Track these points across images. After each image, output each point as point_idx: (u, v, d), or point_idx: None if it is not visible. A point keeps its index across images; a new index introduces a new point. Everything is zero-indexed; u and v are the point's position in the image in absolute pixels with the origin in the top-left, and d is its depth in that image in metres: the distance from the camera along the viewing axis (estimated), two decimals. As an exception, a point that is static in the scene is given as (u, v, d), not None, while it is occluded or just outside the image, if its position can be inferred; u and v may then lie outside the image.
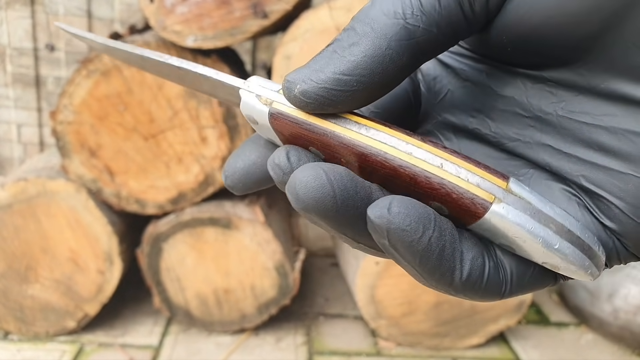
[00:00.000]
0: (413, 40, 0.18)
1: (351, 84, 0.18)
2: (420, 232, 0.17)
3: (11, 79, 1.59)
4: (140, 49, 0.24)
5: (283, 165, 0.19)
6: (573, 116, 0.19)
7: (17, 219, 1.11)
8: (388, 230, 0.17)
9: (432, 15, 0.18)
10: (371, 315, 1.18)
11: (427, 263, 0.17)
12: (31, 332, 1.19)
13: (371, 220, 0.17)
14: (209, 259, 1.16)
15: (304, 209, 0.18)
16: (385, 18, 0.18)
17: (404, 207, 0.17)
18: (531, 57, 0.19)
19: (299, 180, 0.17)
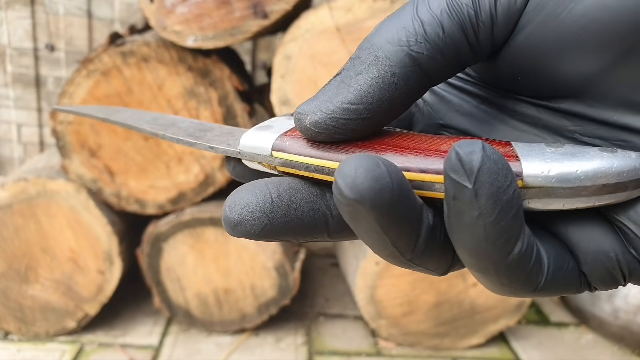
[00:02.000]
0: (417, 67, 0.18)
1: (359, 112, 0.19)
2: (509, 180, 0.16)
3: (11, 79, 1.59)
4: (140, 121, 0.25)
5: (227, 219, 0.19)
6: (589, 141, 0.19)
7: (17, 219, 1.11)
8: (480, 169, 0.16)
9: (436, 43, 0.18)
10: (371, 315, 1.18)
11: (503, 219, 0.16)
12: (31, 332, 1.19)
13: (460, 157, 0.16)
14: (209, 259, 1.16)
15: (359, 200, 0.16)
16: (389, 46, 0.18)
17: (495, 152, 0.16)
18: (542, 87, 0.19)
19: (359, 166, 0.16)
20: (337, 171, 0.17)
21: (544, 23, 0.18)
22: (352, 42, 0.93)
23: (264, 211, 0.19)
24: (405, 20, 0.18)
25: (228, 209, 0.19)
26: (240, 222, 0.19)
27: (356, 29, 0.93)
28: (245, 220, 0.19)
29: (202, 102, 1.06)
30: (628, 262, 0.18)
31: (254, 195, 0.19)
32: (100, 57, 1.02)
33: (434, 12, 0.18)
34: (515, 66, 0.19)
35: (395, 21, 0.19)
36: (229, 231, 0.19)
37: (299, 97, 0.97)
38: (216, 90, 1.06)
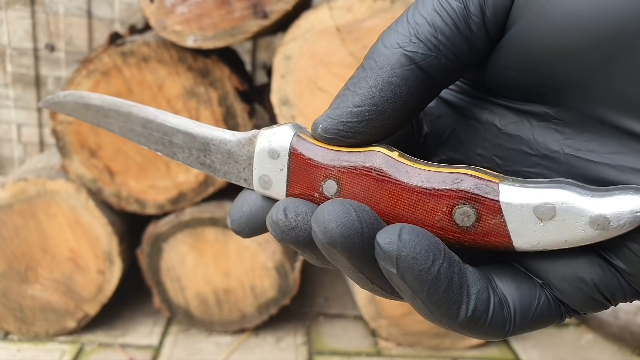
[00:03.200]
0: (415, 66, 0.19)
1: (363, 114, 0.20)
2: (430, 261, 0.17)
3: (11, 79, 1.59)
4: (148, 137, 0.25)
5: (281, 222, 0.20)
6: (580, 154, 0.19)
7: (17, 219, 1.11)
8: (398, 257, 0.17)
9: (429, 40, 0.19)
10: (371, 315, 1.18)
11: (435, 294, 0.17)
12: (31, 332, 1.19)
13: (380, 247, 0.17)
14: (209, 259, 1.16)
15: (330, 243, 0.18)
16: (386, 50, 0.19)
17: (415, 235, 0.17)
18: (536, 84, 0.20)
19: (329, 215, 0.18)
20: (313, 216, 0.18)
21: (534, 19, 0.18)
22: (352, 42, 0.93)
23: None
24: (401, 25, 0.19)
25: (283, 213, 0.20)
26: (295, 227, 0.20)
27: (356, 29, 0.93)
28: (299, 226, 0.20)
29: (202, 102, 1.06)
30: (607, 284, 0.18)
31: (306, 206, 0.20)
32: (100, 57, 1.02)
33: (425, 13, 0.19)
34: (510, 60, 0.19)
35: (391, 28, 0.20)
36: (278, 235, 0.20)
37: (299, 97, 0.97)
38: (216, 90, 1.06)
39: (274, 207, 0.21)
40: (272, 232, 0.21)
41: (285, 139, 0.22)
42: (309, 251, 0.21)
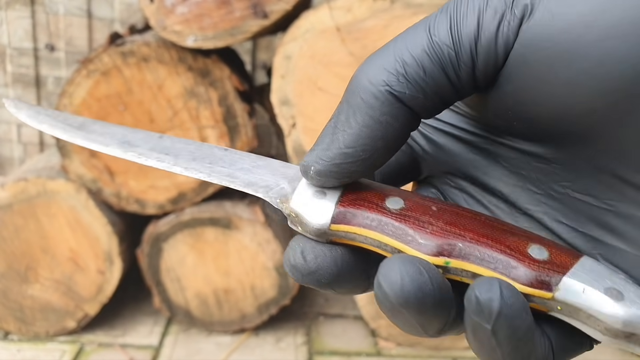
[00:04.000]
0: (402, 104, 0.19)
1: (357, 154, 0.19)
2: (525, 320, 0.17)
3: (11, 79, 1.59)
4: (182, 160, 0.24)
5: (300, 266, 0.20)
6: (580, 197, 0.20)
7: (17, 218, 1.11)
8: (499, 314, 0.17)
9: (417, 82, 0.19)
10: (371, 315, 1.18)
11: (520, 350, 0.18)
12: (31, 332, 1.19)
13: (480, 303, 0.17)
14: (209, 259, 1.16)
15: (403, 304, 0.18)
16: (373, 88, 0.19)
17: (512, 292, 0.17)
18: (536, 135, 0.20)
19: (404, 275, 0.18)
20: (383, 275, 0.18)
21: (531, 83, 0.18)
22: (352, 42, 0.93)
23: (335, 263, 0.20)
24: (387, 60, 0.19)
25: (301, 256, 0.20)
26: (315, 271, 0.20)
27: (356, 29, 0.93)
28: (320, 269, 0.20)
29: (202, 102, 1.06)
30: None
31: (324, 245, 0.20)
32: (100, 57, 1.03)
33: (414, 52, 0.19)
34: (510, 111, 0.20)
35: (377, 62, 0.19)
36: (299, 278, 0.21)
37: (299, 96, 0.97)
38: (216, 90, 1.06)
39: (289, 248, 0.21)
40: (292, 275, 0.20)
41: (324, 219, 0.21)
42: (331, 289, 0.21)
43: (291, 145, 0.99)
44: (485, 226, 0.20)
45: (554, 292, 0.18)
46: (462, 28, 0.18)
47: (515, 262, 0.19)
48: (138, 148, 0.24)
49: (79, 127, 0.25)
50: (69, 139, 0.24)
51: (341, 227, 0.20)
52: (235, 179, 0.23)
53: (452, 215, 0.20)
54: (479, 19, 0.18)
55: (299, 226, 0.21)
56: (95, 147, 0.24)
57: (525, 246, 0.19)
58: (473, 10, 0.18)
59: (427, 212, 0.20)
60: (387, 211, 0.20)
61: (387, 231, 0.20)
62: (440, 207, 0.20)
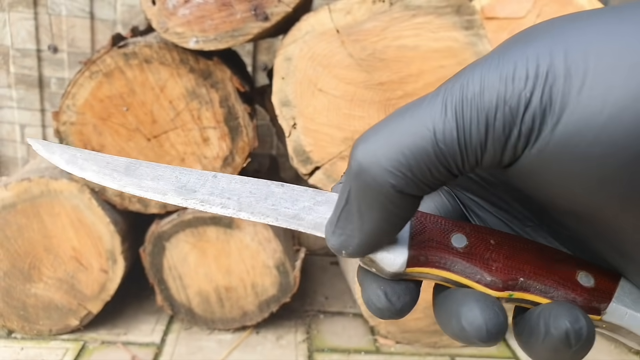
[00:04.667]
0: (412, 197, 0.20)
1: (379, 239, 0.22)
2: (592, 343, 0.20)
3: (14, 80, 1.60)
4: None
5: (385, 307, 0.23)
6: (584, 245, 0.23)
7: (20, 218, 1.12)
8: (584, 342, 0.20)
9: (422, 182, 0.19)
10: (370, 313, 1.19)
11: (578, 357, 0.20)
12: (34, 330, 1.20)
13: (569, 333, 0.20)
14: (211, 257, 1.17)
15: (484, 341, 0.20)
16: (383, 189, 0.19)
17: (589, 321, 0.20)
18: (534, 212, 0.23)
19: (487, 322, 0.20)
20: (468, 321, 0.21)
21: (533, 190, 0.20)
22: (352, 43, 0.94)
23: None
24: (391, 161, 0.19)
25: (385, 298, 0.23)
26: (399, 311, 0.23)
27: (355, 31, 0.94)
28: (404, 308, 0.23)
29: (204, 103, 1.07)
30: None
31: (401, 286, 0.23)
32: (103, 58, 1.04)
33: (420, 157, 0.19)
34: (514, 194, 0.22)
35: (381, 160, 0.19)
36: (380, 316, 0.23)
37: (299, 98, 0.98)
38: (218, 92, 1.07)
39: (369, 291, 0.23)
40: (377, 316, 0.23)
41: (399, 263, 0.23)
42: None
43: (292, 145, 1.01)
44: (538, 257, 0.23)
45: (602, 316, 0.21)
46: (470, 138, 0.18)
47: (570, 292, 0.22)
48: (197, 194, 0.23)
49: (126, 172, 0.24)
50: (121, 188, 0.23)
51: (415, 269, 0.23)
52: (302, 221, 0.23)
53: (509, 249, 0.23)
54: (487, 129, 0.18)
55: (374, 269, 0.23)
56: (151, 196, 0.23)
57: (574, 275, 0.22)
58: (482, 118, 0.18)
59: (489, 248, 0.23)
60: (455, 250, 0.22)
61: (456, 270, 0.22)
62: (497, 240, 0.23)
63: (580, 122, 0.16)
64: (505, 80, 0.17)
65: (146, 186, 0.23)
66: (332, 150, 1.00)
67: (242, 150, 1.11)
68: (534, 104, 0.17)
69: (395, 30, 0.93)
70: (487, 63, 0.18)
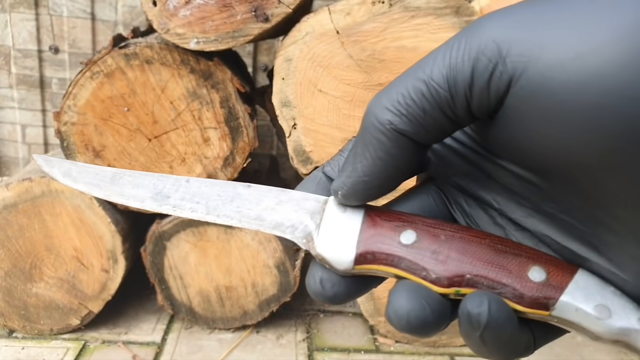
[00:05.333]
0: (407, 138, 0.22)
1: (373, 182, 0.23)
2: (509, 328, 0.21)
3: (15, 81, 1.61)
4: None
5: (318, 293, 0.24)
6: (566, 219, 0.22)
7: (21, 218, 1.13)
8: (486, 326, 0.20)
9: (417, 120, 0.21)
10: (370, 312, 1.19)
11: (504, 349, 0.21)
12: (35, 329, 1.21)
13: (470, 316, 0.21)
14: (212, 257, 1.17)
15: (408, 332, 0.22)
16: (381, 127, 0.22)
17: (501, 307, 0.21)
18: (529, 165, 0.22)
19: (410, 312, 0.22)
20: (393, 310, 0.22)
21: (523, 131, 0.20)
22: (351, 44, 0.95)
23: (349, 287, 0.24)
24: (391, 101, 0.22)
25: (320, 285, 0.24)
26: (333, 297, 0.24)
27: (355, 32, 0.94)
28: (337, 295, 0.24)
29: (205, 103, 1.08)
30: None
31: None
32: (104, 59, 1.04)
33: (414, 95, 0.21)
34: (505, 146, 0.22)
35: (382, 102, 0.22)
36: (321, 300, 0.25)
37: (300, 98, 0.99)
38: (218, 92, 1.07)
39: (309, 274, 0.25)
40: (313, 297, 0.25)
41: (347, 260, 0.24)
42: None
43: (292, 146, 1.01)
44: (489, 251, 0.23)
45: (551, 311, 0.22)
46: (458, 74, 0.20)
47: (518, 287, 0.22)
48: (170, 199, 0.25)
49: (112, 182, 0.26)
50: (107, 197, 0.26)
51: (363, 267, 0.24)
52: (263, 222, 0.25)
53: (460, 243, 0.23)
54: (473, 67, 0.20)
55: (327, 265, 0.24)
56: (132, 204, 0.25)
57: (525, 270, 0.22)
58: (469, 58, 0.20)
59: (437, 242, 0.23)
60: (402, 246, 0.23)
61: (403, 267, 0.23)
62: (448, 234, 0.23)
63: (560, 73, 0.18)
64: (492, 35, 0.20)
65: (127, 194, 0.25)
66: (332, 150, 1.01)
67: (243, 150, 1.12)
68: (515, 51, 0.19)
69: (394, 31, 0.93)
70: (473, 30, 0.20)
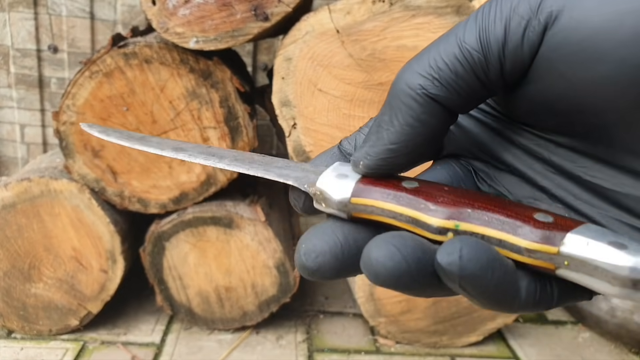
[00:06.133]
0: (438, 104, 0.21)
1: (400, 150, 0.22)
2: (490, 275, 0.18)
3: (14, 80, 1.60)
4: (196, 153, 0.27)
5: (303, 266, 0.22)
6: (594, 180, 0.21)
7: (20, 218, 1.12)
8: (460, 276, 0.18)
9: (449, 84, 0.21)
10: (370, 313, 1.19)
11: (493, 297, 0.19)
12: (34, 330, 1.20)
13: (442, 268, 0.19)
14: (211, 257, 1.17)
15: (382, 285, 0.19)
16: (412, 92, 0.21)
17: (474, 252, 0.18)
18: (558, 128, 0.22)
19: (376, 261, 0.19)
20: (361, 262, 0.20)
21: (556, 83, 0.20)
22: (351, 43, 0.94)
23: (336, 258, 0.21)
24: (422, 66, 0.21)
25: (304, 257, 0.22)
26: (317, 270, 0.21)
27: (355, 31, 0.94)
28: (321, 267, 0.21)
29: (204, 103, 1.08)
30: None
31: (325, 242, 0.22)
32: (103, 58, 1.04)
33: (447, 58, 0.21)
34: (534, 106, 0.22)
35: (414, 67, 0.22)
36: (306, 277, 0.22)
37: (299, 98, 0.98)
38: (218, 92, 1.07)
39: (296, 248, 0.22)
40: (302, 275, 0.22)
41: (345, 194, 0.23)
42: (340, 277, 0.22)
43: (292, 145, 1.01)
44: (494, 200, 0.21)
45: (559, 247, 0.19)
46: (490, 35, 0.20)
47: (521, 223, 0.20)
48: (188, 151, 0.27)
49: (140, 139, 0.29)
50: (131, 145, 0.29)
51: (360, 200, 0.22)
52: (270, 172, 0.25)
53: (463, 192, 0.22)
54: (505, 26, 0.20)
55: (323, 203, 0.23)
56: (152, 151, 0.28)
57: (531, 213, 0.20)
58: (500, 19, 0.20)
59: (440, 190, 0.22)
60: (403, 188, 0.22)
61: (401, 202, 0.22)
62: (452, 188, 0.22)
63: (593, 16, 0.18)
64: None
65: (150, 145, 0.28)
66: (332, 150, 1.00)
67: (242, 149, 1.11)
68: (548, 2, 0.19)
69: (395, 31, 0.93)
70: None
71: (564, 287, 0.21)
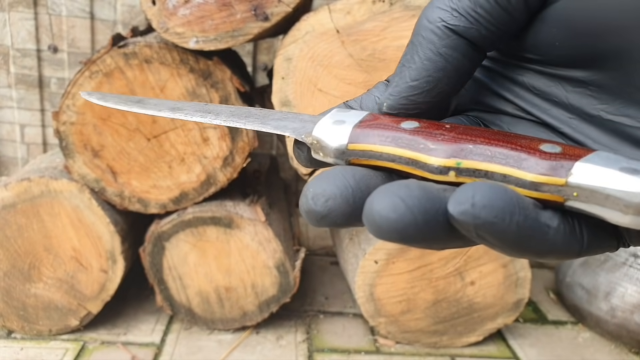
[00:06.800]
0: (458, 36, 0.21)
1: (422, 86, 0.21)
2: (508, 221, 0.17)
3: (14, 80, 1.60)
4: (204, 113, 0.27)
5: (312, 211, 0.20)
6: (614, 118, 0.20)
7: (20, 218, 1.12)
8: (476, 225, 0.17)
9: (469, 14, 0.20)
10: (370, 313, 1.19)
11: (516, 244, 0.17)
12: (34, 330, 1.20)
13: (455, 219, 0.17)
14: (211, 257, 1.17)
15: (386, 239, 0.18)
16: (431, 25, 0.21)
17: (488, 198, 0.17)
18: (579, 54, 0.21)
19: (378, 214, 0.17)
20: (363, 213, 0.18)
21: (579, 10, 0.19)
22: (351, 43, 0.94)
23: (347, 202, 0.19)
24: (441, 1, 0.21)
25: (312, 201, 0.20)
26: (327, 214, 0.19)
27: (355, 31, 0.94)
28: (331, 212, 0.19)
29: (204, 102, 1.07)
30: None
31: (335, 186, 0.20)
32: (103, 58, 1.04)
33: None
34: (555, 29, 0.20)
35: (433, 4, 0.21)
36: (314, 223, 0.20)
37: (299, 98, 0.98)
38: (218, 92, 1.07)
39: (302, 194, 0.20)
40: (308, 221, 0.20)
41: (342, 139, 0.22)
42: (351, 227, 0.21)
43: (291, 145, 1.01)
44: (498, 134, 0.20)
45: (567, 177, 0.18)
46: None
47: (526, 155, 0.18)
48: (185, 111, 0.27)
49: (137, 102, 0.29)
50: (129, 109, 0.28)
51: (358, 145, 0.21)
52: (267, 125, 0.25)
53: (465, 129, 0.21)
54: None
55: (321, 152, 0.23)
56: (149, 112, 0.28)
57: (537, 144, 0.19)
58: None
59: (440, 128, 0.21)
60: (402, 129, 0.21)
61: (400, 144, 0.21)
62: (454, 125, 0.21)
63: None
64: None
65: (147, 107, 0.28)
66: (332, 150, 1.00)
67: (242, 150, 1.11)
68: None
69: (395, 31, 0.93)
70: None
71: (593, 231, 0.19)
